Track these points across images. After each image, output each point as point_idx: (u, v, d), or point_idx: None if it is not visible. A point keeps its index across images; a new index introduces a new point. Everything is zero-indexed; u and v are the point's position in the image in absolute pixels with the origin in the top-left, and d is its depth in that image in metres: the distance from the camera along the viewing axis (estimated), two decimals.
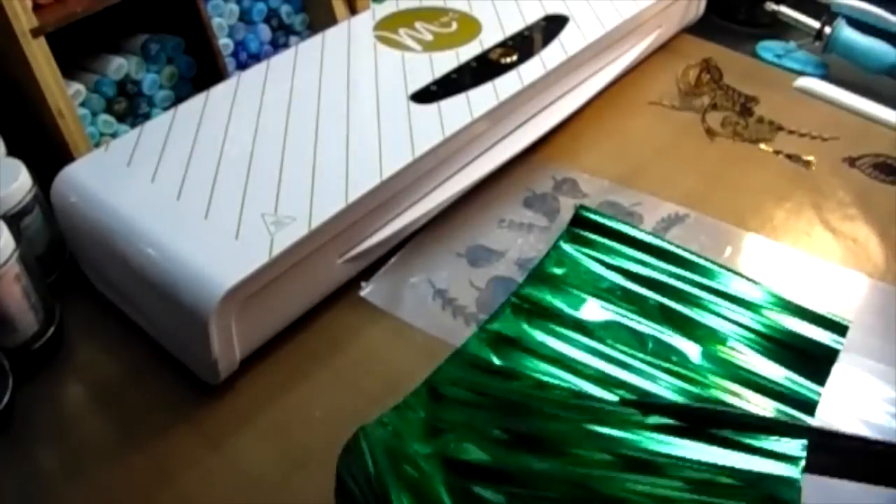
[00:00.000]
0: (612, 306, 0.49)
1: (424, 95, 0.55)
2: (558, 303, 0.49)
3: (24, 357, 0.46)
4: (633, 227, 0.53)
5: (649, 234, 0.53)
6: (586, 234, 0.53)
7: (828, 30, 0.72)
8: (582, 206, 0.55)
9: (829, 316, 0.48)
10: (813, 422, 0.43)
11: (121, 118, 0.61)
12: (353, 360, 0.48)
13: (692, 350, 0.46)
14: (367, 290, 0.52)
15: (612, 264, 0.51)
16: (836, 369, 0.46)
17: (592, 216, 0.54)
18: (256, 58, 0.69)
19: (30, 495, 0.42)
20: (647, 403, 0.40)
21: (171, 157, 0.49)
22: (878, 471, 0.38)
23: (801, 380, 0.45)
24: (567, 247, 0.52)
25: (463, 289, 0.52)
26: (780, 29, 0.80)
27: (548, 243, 0.53)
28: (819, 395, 0.45)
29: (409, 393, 0.43)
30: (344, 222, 0.47)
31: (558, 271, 0.51)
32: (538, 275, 0.51)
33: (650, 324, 0.48)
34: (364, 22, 0.64)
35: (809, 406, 0.44)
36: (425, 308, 0.51)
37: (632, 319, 0.48)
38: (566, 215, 0.57)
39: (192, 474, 0.42)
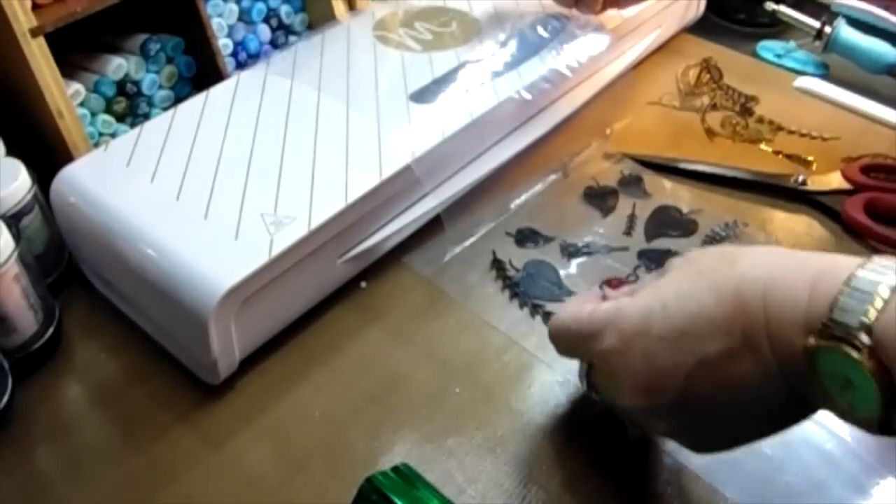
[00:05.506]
0: None
1: (424, 95, 0.55)
2: None
3: (24, 357, 0.46)
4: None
5: None
6: None
7: (828, 29, 0.72)
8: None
9: None
10: None
11: (120, 118, 0.61)
12: (353, 360, 0.48)
13: None
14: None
15: None
16: None
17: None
18: (256, 58, 0.68)
19: (30, 495, 0.42)
20: None
21: (170, 157, 0.49)
22: None
23: None
24: None
25: None
26: (780, 29, 0.80)
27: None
28: None
29: None
30: (343, 222, 0.47)
31: None
32: None
33: None
34: (364, 22, 0.64)
35: None
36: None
37: None
38: None
39: (192, 474, 0.42)
